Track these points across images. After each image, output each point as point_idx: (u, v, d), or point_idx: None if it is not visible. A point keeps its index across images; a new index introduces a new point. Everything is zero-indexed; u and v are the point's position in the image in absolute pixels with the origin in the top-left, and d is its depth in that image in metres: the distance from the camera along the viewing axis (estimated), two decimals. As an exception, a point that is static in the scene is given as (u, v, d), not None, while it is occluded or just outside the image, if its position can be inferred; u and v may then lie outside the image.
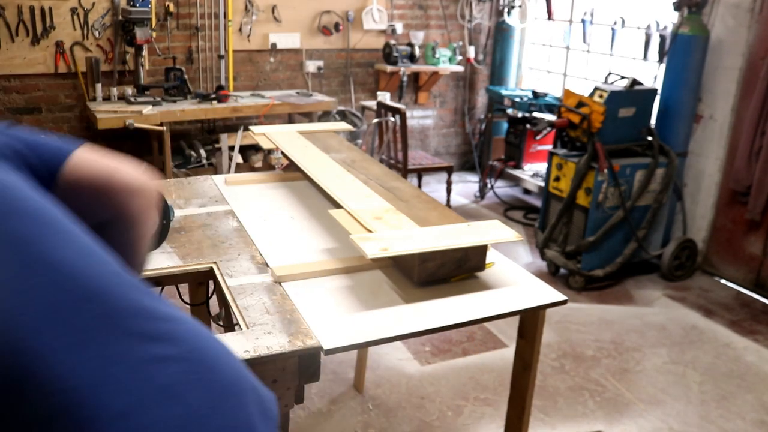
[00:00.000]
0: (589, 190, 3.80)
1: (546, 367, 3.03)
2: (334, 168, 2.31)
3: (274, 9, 5.11)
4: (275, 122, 4.87)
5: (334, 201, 2.02)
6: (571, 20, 5.40)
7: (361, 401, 2.73)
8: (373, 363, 2.95)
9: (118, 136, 4.60)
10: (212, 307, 2.47)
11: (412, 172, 4.62)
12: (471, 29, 5.91)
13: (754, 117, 3.69)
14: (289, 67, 5.35)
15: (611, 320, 3.51)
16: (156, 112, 4.22)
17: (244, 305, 1.52)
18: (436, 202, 2.08)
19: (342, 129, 3.06)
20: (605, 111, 3.73)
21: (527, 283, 1.74)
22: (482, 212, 5.17)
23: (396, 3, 5.60)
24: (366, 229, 1.75)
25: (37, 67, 4.46)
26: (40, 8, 4.34)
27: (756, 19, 3.76)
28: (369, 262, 1.68)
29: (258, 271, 1.70)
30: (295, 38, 5.26)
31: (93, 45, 4.56)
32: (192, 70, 4.93)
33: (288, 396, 1.39)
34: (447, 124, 6.20)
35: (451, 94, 6.12)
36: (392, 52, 5.38)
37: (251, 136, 2.86)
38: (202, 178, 2.48)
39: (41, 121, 4.60)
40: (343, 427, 2.57)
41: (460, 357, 3.09)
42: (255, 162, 4.84)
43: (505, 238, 1.71)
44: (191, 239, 1.87)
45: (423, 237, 1.67)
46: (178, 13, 4.80)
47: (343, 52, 5.50)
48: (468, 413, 2.69)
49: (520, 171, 5.24)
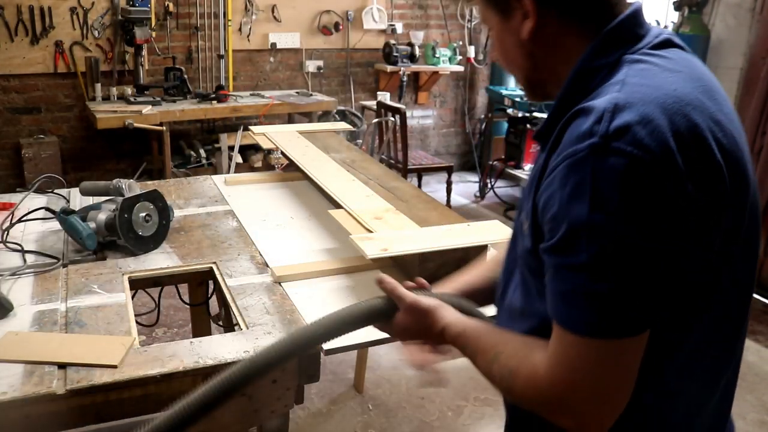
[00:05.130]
0: (589, 190, 3.79)
1: (546, 367, 3.02)
2: (334, 168, 2.30)
3: (273, 9, 5.10)
4: (275, 122, 4.86)
5: (334, 201, 2.01)
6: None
7: (361, 401, 2.73)
8: (373, 363, 2.94)
9: (117, 136, 4.59)
10: (212, 307, 2.47)
11: (412, 172, 4.62)
12: (471, 29, 5.90)
13: (755, 117, 3.69)
14: (289, 67, 5.35)
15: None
16: (155, 112, 4.21)
17: (243, 305, 1.51)
18: (436, 202, 2.07)
19: (342, 129, 3.05)
20: (605, 111, 3.72)
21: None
22: (482, 212, 5.16)
23: (396, 3, 5.59)
24: (366, 229, 1.75)
25: (36, 67, 4.45)
26: (39, 8, 4.33)
27: (757, 18, 3.76)
28: (369, 262, 1.67)
29: (258, 271, 1.69)
30: (295, 38, 5.25)
31: (92, 45, 4.55)
32: (192, 70, 4.93)
33: (288, 396, 1.39)
34: (447, 124, 6.20)
35: (451, 94, 6.11)
36: (392, 51, 5.38)
37: (251, 136, 2.86)
38: (201, 178, 2.48)
39: (40, 121, 4.59)
40: (343, 427, 2.57)
41: (460, 357, 3.08)
42: (255, 162, 4.83)
43: (505, 238, 1.70)
44: (191, 239, 1.87)
45: (423, 237, 1.67)
46: (177, 13, 4.79)
47: (343, 51, 5.49)
48: (468, 413, 2.69)
49: (521, 171, 5.23)
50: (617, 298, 0.71)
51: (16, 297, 1.49)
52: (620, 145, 0.70)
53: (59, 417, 1.19)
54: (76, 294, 1.52)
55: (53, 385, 1.18)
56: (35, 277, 1.60)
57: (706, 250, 0.75)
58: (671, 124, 0.71)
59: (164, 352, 1.31)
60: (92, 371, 1.23)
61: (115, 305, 1.48)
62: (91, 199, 2.06)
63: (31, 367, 1.23)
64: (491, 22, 0.91)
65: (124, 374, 1.23)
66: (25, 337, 1.33)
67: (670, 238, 0.71)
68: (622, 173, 0.69)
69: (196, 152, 4.77)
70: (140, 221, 1.74)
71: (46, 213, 1.92)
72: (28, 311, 1.44)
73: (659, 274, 0.72)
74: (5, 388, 1.17)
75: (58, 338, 1.34)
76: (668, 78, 0.77)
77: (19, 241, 1.75)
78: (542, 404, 0.79)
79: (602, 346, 0.73)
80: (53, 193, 2.18)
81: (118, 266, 1.68)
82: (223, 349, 1.33)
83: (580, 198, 0.71)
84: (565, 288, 0.74)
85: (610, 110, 0.72)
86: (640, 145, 0.69)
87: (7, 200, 2.07)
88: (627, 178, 0.69)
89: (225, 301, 1.59)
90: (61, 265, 1.66)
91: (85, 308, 1.46)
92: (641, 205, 0.69)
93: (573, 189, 0.72)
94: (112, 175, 4.64)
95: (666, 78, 0.77)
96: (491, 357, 0.87)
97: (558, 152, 0.76)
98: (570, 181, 0.72)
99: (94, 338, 1.34)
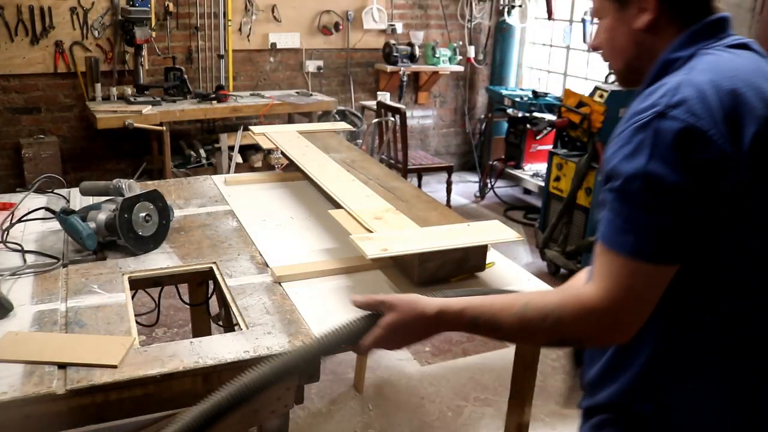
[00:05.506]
0: (589, 190, 3.79)
1: (546, 367, 3.02)
2: (334, 168, 2.30)
3: (273, 9, 5.10)
4: (275, 122, 4.86)
5: (334, 201, 2.01)
6: (572, 20, 5.40)
7: (361, 401, 2.73)
8: (373, 363, 2.94)
9: (117, 136, 4.59)
10: (212, 307, 2.47)
11: (412, 172, 4.62)
12: (471, 29, 5.90)
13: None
14: (289, 67, 5.35)
15: (611, 320, 3.51)
16: (155, 112, 4.21)
17: (243, 305, 1.51)
18: (436, 202, 2.07)
19: (342, 129, 3.05)
20: (606, 111, 3.72)
21: (527, 283, 1.73)
22: (482, 212, 5.16)
23: (396, 3, 5.59)
24: (366, 229, 1.75)
25: (36, 67, 4.45)
26: (39, 8, 4.33)
27: (757, 18, 3.76)
28: (369, 262, 1.67)
29: (258, 271, 1.69)
30: (295, 38, 5.25)
31: (92, 45, 4.55)
32: (192, 70, 4.93)
33: (288, 396, 1.39)
34: (447, 124, 6.20)
35: (451, 94, 6.11)
36: (392, 51, 5.38)
37: (251, 136, 2.86)
38: (201, 178, 2.48)
39: (40, 120, 4.59)
40: (343, 428, 2.57)
41: (460, 357, 3.09)
42: (255, 162, 4.83)
43: (505, 238, 1.70)
44: (191, 239, 1.87)
45: (423, 237, 1.67)
46: (177, 13, 4.79)
47: (343, 51, 5.49)
48: (468, 413, 2.69)
49: (521, 171, 5.23)
50: (664, 231, 0.89)
51: (16, 297, 1.49)
52: (677, 113, 0.88)
53: (59, 417, 1.19)
54: (76, 294, 1.52)
55: (53, 385, 1.18)
56: (35, 277, 1.60)
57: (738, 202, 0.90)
58: (721, 101, 0.89)
59: (164, 352, 1.31)
60: (92, 371, 1.23)
61: (115, 305, 1.48)
62: (91, 199, 2.06)
63: (31, 367, 1.23)
64: (606, 12, 1.05)
65: (124, 374, 1.23)
66: (25, 337, 1.33)
67: (708, 186, 0.87)
68: (676, 133, 0.87)
69: (196, 152, 4.77)
70: (140, 221, 1.74)
71: (46, 213, 1.92)
72: (28, 311, 1.44)
73: (696, 214, 0.88)
74: (5, 388, 1.17)
75: (58, 338, 1.34)
76: (730, 65, 0.94)
77: (19, 241, 1.75)
78: (595, 323, 0.92)
79: (647, 268, 0.90)
80: (53, 193, 2.18)
81: (118, 266, 1.68)
82: (223, 349, 1.33)
83: (641, 151, 0.89)
84: (622, 220, 0.91)
85: (674, 87, 0.91)
86: (693, 115, 0.87)
87: (7, 200, 2.07)
88: (680, 137, 0.87)
89: (225, 301, 1.59)
90: (61, 265, 1.66)
91: (85, 308, 1.46)
92: (688, 158, 0.87)
93: (636, 144, 0.90)
94: (112, 175, 4.65)
95: (728, 65, 0.94)
96: (520, 308, 0.97)
97: (626, 118, 0.95)
98: (634, 139, 0.90)
99: (94, 338, 1.34)
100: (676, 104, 0.89)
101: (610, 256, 0.92)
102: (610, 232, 0.93)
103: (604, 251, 0.93)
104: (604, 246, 0.94)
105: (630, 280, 0.90)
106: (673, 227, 0.88)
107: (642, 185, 0.88)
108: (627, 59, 1.06)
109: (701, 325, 0.96)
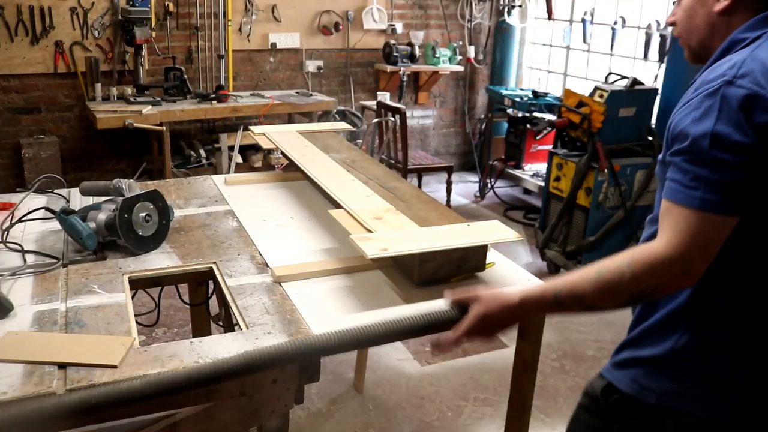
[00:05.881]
0: (589, 190, 3.79)
1: (546, 367, 3.02)
2: (334, 168, 2.30)
3: (273, 9, 5.10)
4: (275, 122, 4.86)
5: (334, 201, 2.01)
6: (572, 20, 5.40)
7: (361, 401, 2.73)
8: (373, 363, 2.94)
9: (117, 136, 4.59)
10: (212, 307, 2.47)
11: (412, 172, 4.62)
12: (471, 29, 5.90)
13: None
14: (289, 67, 5.35)
15: (611, 320, 3.51)
16: (155, 112, 4.21)
17: (243, 305, 1.51)
18: (436, 202, 2.07)
19: (342, 129, 3.05)
20: (605, 111, 3.72)
21: (527, 283, 1.73)
22: (482, 212, 5.16)
23: (396, 3, 5.59)
24: (366, 229, 1.75)
25: (36, 67, 4.45)
26: (39, 8, 4.33)
27: None
28: (369, 262, 1.67)
29: (258, 271, 1.69)
30: (295, 38, 5.25)
31: (92, 45, 4.55)
32: (192, 70, 4.93)
33: (288, 396, 1.39)
34: (447, 124, 6.20)
35: (451, 94, 6.11)
36: (392, 51, 5.38)
37: (251, 136, 2.86)
38: (201, 178, 2.48)
39: (40, 121, 4.59)
40: (343, 428, 2.57)
41: (460, 357, 3.09)
42: (255, 162, 4.83)
43: (505, 238, 1.70)
44: (191, 239, 1.87)
45: (423, 237, 1.67)
46: (177, 13, 4.79)
47: (343, 51, 5.49)
48: (468, 413, 2.69)
49: (521, 171, 5.23)
50: (729, 185, 1.00)
51: (16, 297, 1.49)
52: (743, 83, 1.01)
53: (59, 417, 1.19)
54: (76, 294, 1.52)
55: (53, 385, 1.18)
56: (35, 277, 1.60)
57: None
58: None
59: (164, 352, 1.31)
60: (92, 371, 1.23)
61: (115, 305, 1.48)
62: (91, 199, 2.06)
63: (31, 367, 1.23)
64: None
65: (124, 374, 1.23)
66: (25, 337, 1.33)
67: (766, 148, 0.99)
68: (741, 99, 0.99)
69: (196, 152, 4.77)
70: (140, 221, 1.74)
71: (46, 213, 1.92)
72: (28, 311, 1.44)
73: (757, 170, 0.99)
74: (5, 388, 1.17)
75: (58, 338, 1.34)
76: None
77: (19, 241, 1.75)
78: (667, 271, 1.02)
79: (713, 219, 1.01)
80: (53, 193, 2.18)
81: (118, 266, 1.68)
82: (223, 349, 1.33)
83: (709, 114, 1.01)
84: (689, 178, 1.02)
85: (740, 61, 1.03)
86: (758, 84, 1.00)
87: (7, 200, 2.07)
88: (745, 102, 0.99)
89: (225, 301, 1.59)
90: (61, 265, 1.66)
91: (85, 308, 1.46)
92: (751, 121, 0.99)
93: (705, 109, 1.02)
94: (112, 175, 4.65)
95: None
96: (595, 274, 1.07)
97: (695, 88, 1.07)
98: (703, 105, 1.02)
99: (94, 338, 1.34)
100: (742, 75, 1.01)
101: (677, 209, 1.03)
102: (678, 188, 1.04)
103: (672, 206, 1.04)
104: (671, 202, 1.04)
105: (697, 230, 1.01)
106: (738, 182, 0.99)
107: (710, 144, 0.99)
108: (701, 39, 1.17)
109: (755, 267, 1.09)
